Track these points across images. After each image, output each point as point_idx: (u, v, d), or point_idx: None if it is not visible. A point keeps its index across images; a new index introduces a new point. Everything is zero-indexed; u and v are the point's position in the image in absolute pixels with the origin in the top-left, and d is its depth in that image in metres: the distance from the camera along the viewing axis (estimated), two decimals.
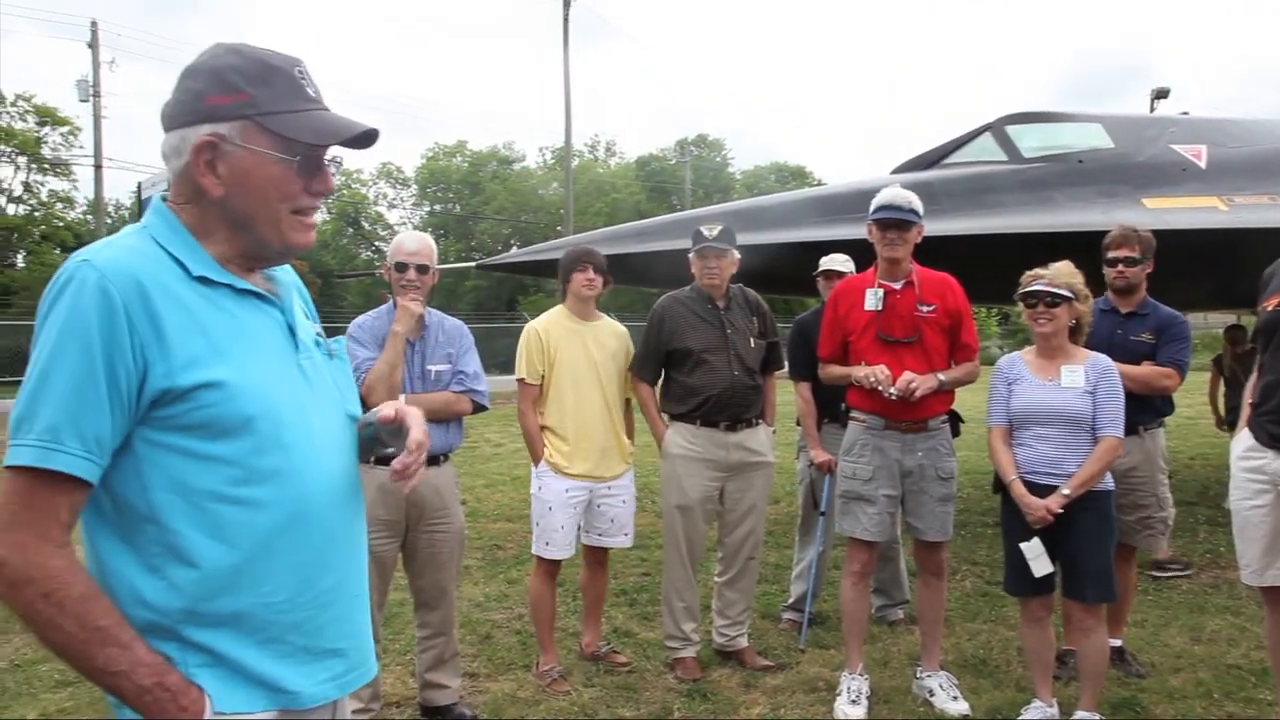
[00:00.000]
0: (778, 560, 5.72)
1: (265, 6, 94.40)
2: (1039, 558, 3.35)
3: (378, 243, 42.25)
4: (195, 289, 1.33)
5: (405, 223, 44.81)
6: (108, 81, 25.07)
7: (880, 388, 3.57)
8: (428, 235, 3.80)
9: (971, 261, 5.45)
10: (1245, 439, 3.24)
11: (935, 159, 7.22)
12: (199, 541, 1.28)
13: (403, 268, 3.47)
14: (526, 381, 4.02)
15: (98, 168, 24.72)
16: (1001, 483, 3.48)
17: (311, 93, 1.40)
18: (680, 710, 3.70)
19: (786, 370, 4.64)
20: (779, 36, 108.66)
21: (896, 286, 3.73)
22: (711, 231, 4.02)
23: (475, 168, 44.15)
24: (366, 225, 44.40)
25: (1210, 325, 23.93)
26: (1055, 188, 6.69)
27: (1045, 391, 3.41)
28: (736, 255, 4.09)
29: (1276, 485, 3.06)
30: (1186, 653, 4.25)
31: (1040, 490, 3.35)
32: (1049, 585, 3.44)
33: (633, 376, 4.12)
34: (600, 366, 4.00)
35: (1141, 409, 3.79)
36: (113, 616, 1.24)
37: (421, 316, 3.51)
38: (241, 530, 1.30)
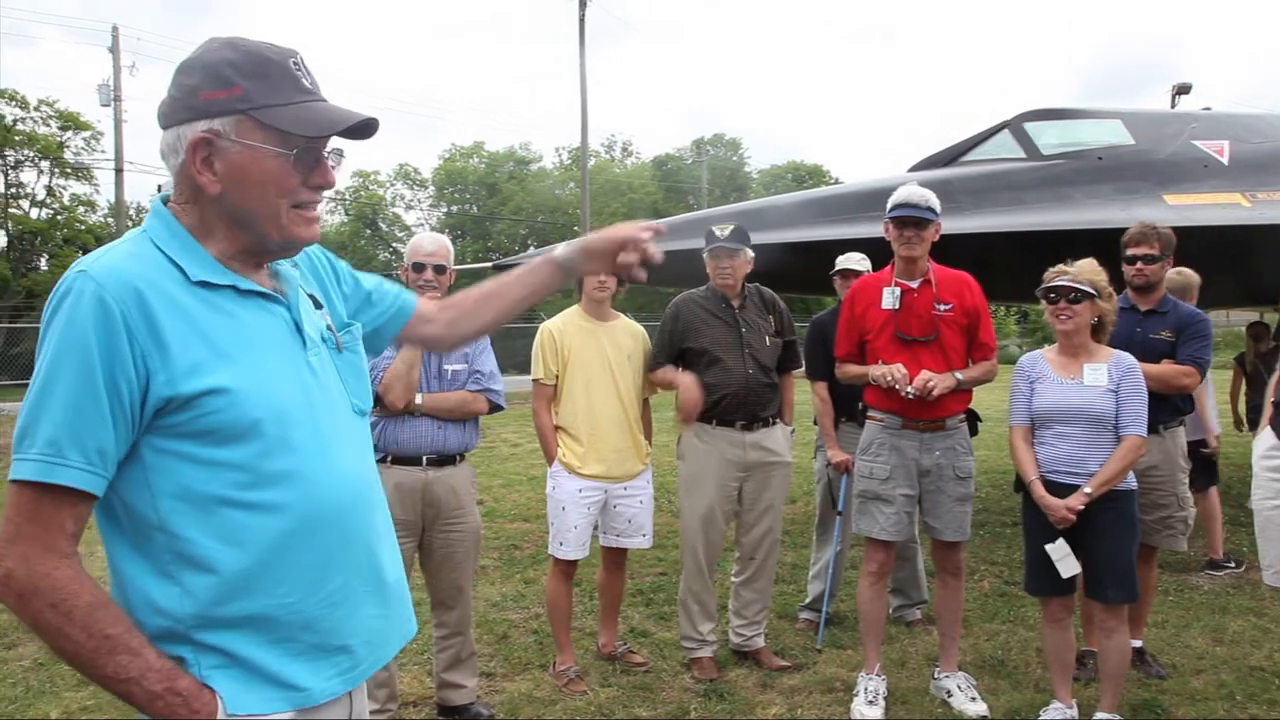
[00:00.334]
0: (795, 560, 5.71)
1: (284, 8, 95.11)
2: (1065, 558, 3.33)
3: (395, 244, 42.39)
4: (195, 293, 1.32)
5: (423, 224, 44.98)
6: (128, 86, 25.25)
7: (897, 387, 3.55)
8: (444, 236, 3.82)
9: (989, 260, 5.42)
10: (1268, 438, 3.20)
11: (953, 157, 7.17)
12: (210, 547, 1.28)
13: (420, 268, 3.49)
14: (541, 381, 4.02)
15: (119, 171, 24.95)
16: (1023, 482, 3.45)
17: (307, 84, 1.37)
18: (697, 710, 3.70)
19: (804, 369, 4.62)
20: (797, 34, 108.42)
21: (914, 285, 3.71)
22: (723, 231, 4.01)
23: (492, 168, 44.22)
24: (384, 226, 44.54)
25: (1233, 323, 23.70)
26: (1074, 185, 6.63)
27: (1067, 390, 3.38)
28: (750, 254, 4.08)
29: None
30: (1208, 654, 4.21)
31: (1062, 489, 3.33)
32: (1070, 585, 3.41)
33: (647, 373, 4.12)
34: (616, 366, 4.00)
35: (1161, 407, 3.76)
36: (122, 624, 1.24)
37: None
38: (253, 534, 1.30)
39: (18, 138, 27.96)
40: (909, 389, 3.54)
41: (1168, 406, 3.90)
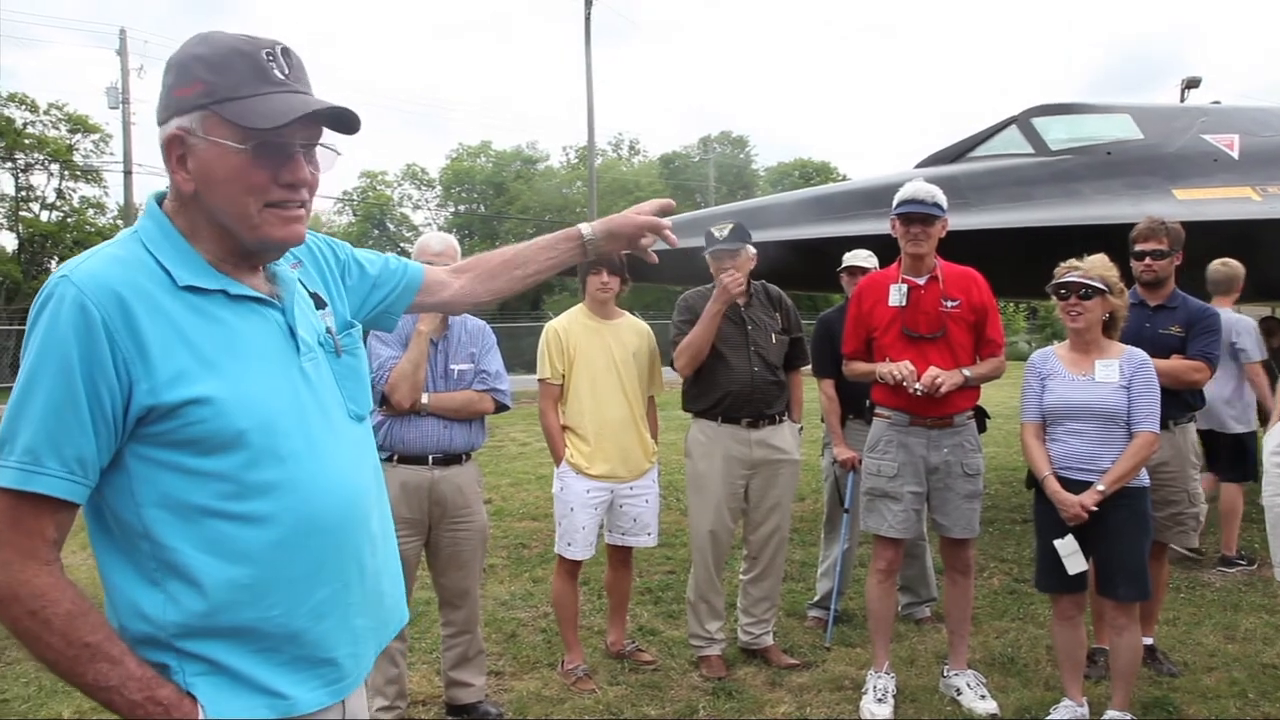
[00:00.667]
0: (803, 558, 5.70)
1: (291, 9, 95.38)
2: (1073, 555, 3.31)
3: (403, 244, 42.46)
4: (182, 299, 1.28)
5: (430, 223, 45.05)
6: (136, 88, 25.28)
7: (905, 384, 3.54)
8: (452, 236, 3.82)
9: (997, 256, 5.40)
10: (1278, 434, 3.18)
11: (960, 152, 7.15)
12: (195, 557, 1.26)
13: None
14: (547, 381, 4.03)
15: (127, 174, 25.03)
16: (1035, 479, 3.44)
17: (280, 75, 1.31)
18: (705, 709, 3.69)
19: (811, 367, 4.62)
20: (803, 31, 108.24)
21: (920, 282, 3.69)
22: (722, 232, 3.99)
23: (499, 168, 44.25)
24: (392, 226, 44.63)
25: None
26: (1083, 180, 6.60)
27: (1079, 386, 3.37)
28: (752, 251, 4.06)
29: None
30: (1220, 651, 4.18)
31: (1074, 486, 3.31)
32: (1081, 583, 3.39)
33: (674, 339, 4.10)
34: (621, 365, 4.00)
35: (1172, 403, 3.73)
36: (102, 632, 1.23)
37: (445, 316, 3.53)
38: (238, 546, 1.28)
39: (28, 141, 28.09)
40: (916, 385, 3.52)
41: (1178, 402, 3.88)
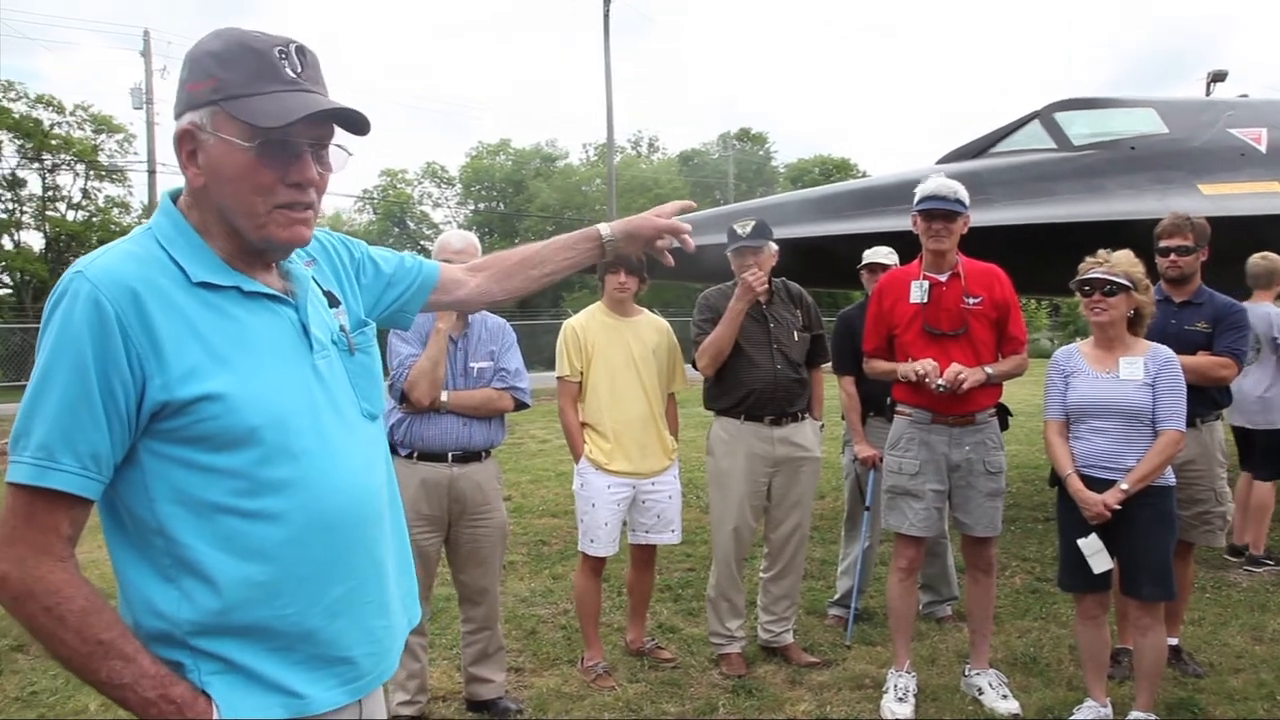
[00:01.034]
0: (824, 556, 5.68)
1: (313, 8, 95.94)
2: (1097, 554, 3.28)
3: (423, 241, 42.64)
4: (196, 295, 1.28)
5: (450, 221, 45.19)
6: (160, 89, 25.51)
7: (927, 380, 3.52)
8: (472, 234, 3.83)
9: (1020, 252, 5.35)
10: None
11: (982, 148, 7.10)
12: (208, 554, 1.26)
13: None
14: (566, 379, 4.03)
15: (151, 173, 25.29)
16: (1058, 477, 3.41)
17: (290, 73, 1.30)
18: (725, 706, 3.69)
19: (831, 364, 4.60)
20: (822, 26, 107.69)
21: (942, 279, 3.67)
22: (744, 229, 3.98)
23: (519, 165, 44.35)
24: (412, 225, 44.83)
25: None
26: (1107, 175, 6.54)
27: (1103, 384, 3.33)
28: (774, 248, 4.05)
29: None
30: (1247, 652, 4.13)
31: (1098, 485, 3.28)
32: (1104, 582, 3.36)
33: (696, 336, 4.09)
34: (640, 362, 4.00)
35: (1198, 401, 3.69)
36: (116, 629, 1.22)
37: (464, 313, 3.54)
38: (252, 542, 1.27)
39: (55, 142, 28.43)
40: (939, 382, 3.50)
41: (1205, 399, 3.83)
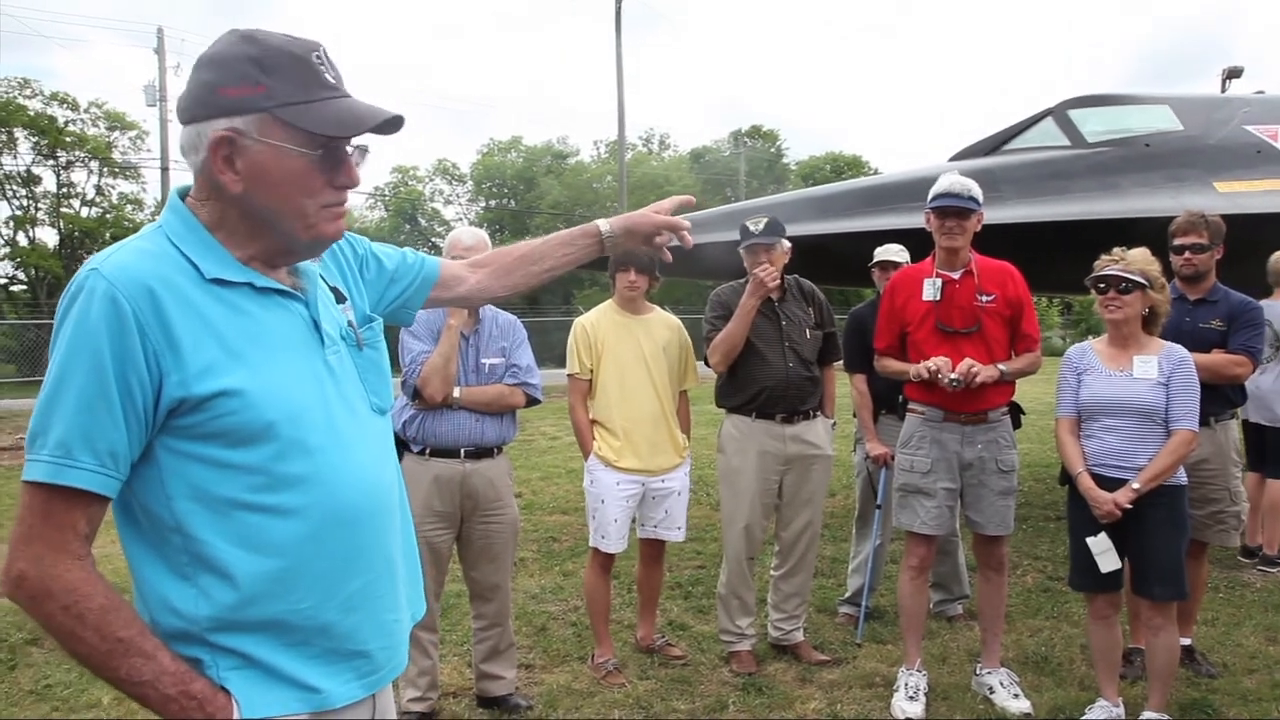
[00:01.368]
0: (834, 554, 5.67)
1: (323, 6, 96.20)
2: (1106, 553, 3.27)
3: (434, 238, 42.71)
4: (210, 291, 1.28)
5: (461, 219, 45.26)
6: (173, 86, 25.63)
7: (940, 376, 3.51)
8: (483, 230, 3.84)
9: (1033, 250, 5.33)
10: None
11: (995, 145, 7.06)
12: (226, 550, 1.26)
13: None
14: (576, 376, 4.04)
15: (164, 170, 25.41)
16: (1069, 475, 3.39)
17: (330, 79, 1.32)
18: (735, 704, 3.69)
19: (842, 362, 4.59)
20: (834, 22, 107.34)
21: (955, 276, 3.65)
22: (757, 226, 3.97)
23: (530, 163, 44.36)
24: (423, 222, 44.89)
25: None
26: (1121, 172, 6.49)
27: (1116, 382, 3.31)
28: (787, 245, 4.04)
29: None
30: (1261, 653, 4.11)
31: (1109, 483, 3.26)
32: (1116, 581, 3.34)
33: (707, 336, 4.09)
34: (651, 360, 4.00)
35: (1213, 399, 3.67)
36: (134, 627, 1.22)
37: (475, 309, 3.55)
38: (269, 538, 1.27)
39: (69, 139, 28.61)
40: (951, 376, 3.49)
41: (1219, 398, 3.81)
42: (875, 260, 4.81)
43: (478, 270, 1.82)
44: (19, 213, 29.27)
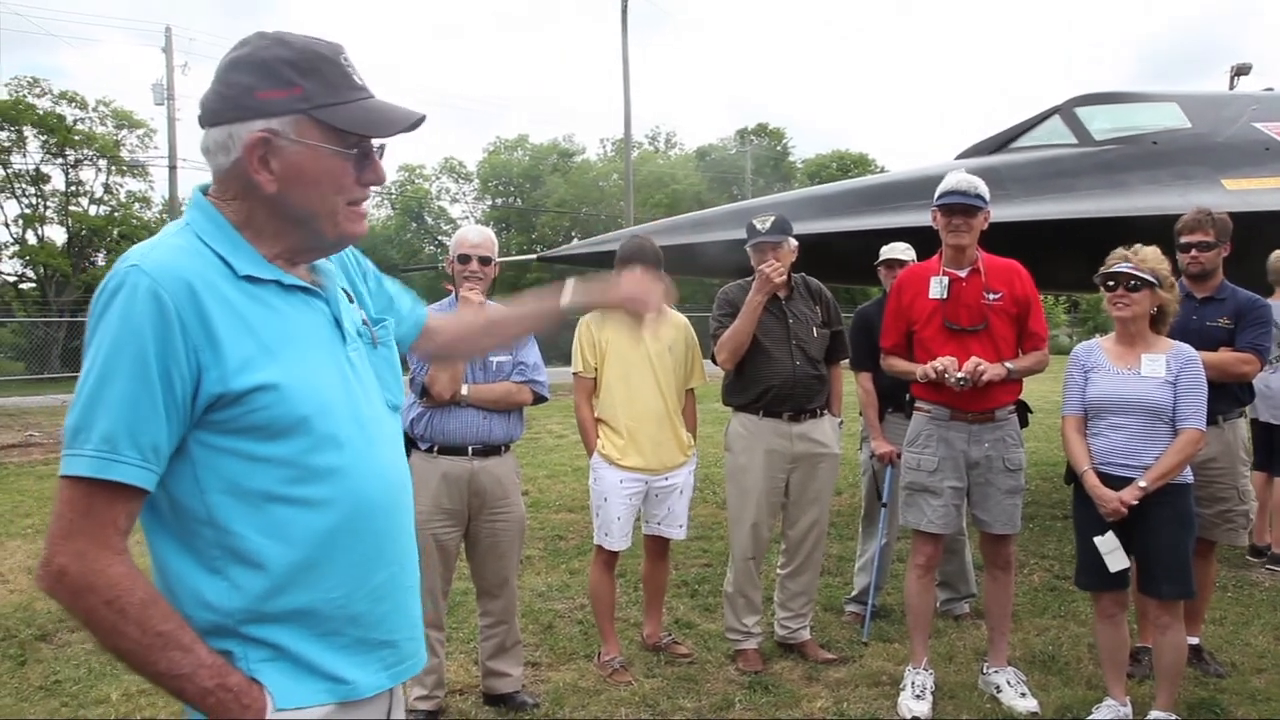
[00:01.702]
0: (841, 552, 5.67)
1: (330, 4, 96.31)
2: (1114, 552, 3.26)
3: (440, 236, 42.74)
4: (242, 288, 1.30)
5: (467, 216, 45.27)
6: (181, 84, 25.72)
7: (946, 375, 3.50)
8: (489, 228, 3.84)
9: (1040, 248, 5.31)
10: None
11: (1002, 143, 7.05)
12: (258, 542, 1.27)
13: (465, 259, 3.52)
14: (580, 374, 4.04)
15: (172, 168, 25.51)
16: (1074, 474, 3.38)
17: (358, 80, 1.36)
18: (741, 702, 3.69)
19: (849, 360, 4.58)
20: (841, 21, 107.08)
21: (962, 274, 3.65)
22: (764, 224, 3.97)
23: (536, 161, 44.36)
24: (429, 220, 44.93)
25: None
26: (1128, 170, 6.47)
27: (1123, 380, 3.31)
28: (794, 244, 4.04)
29: None
30: (1270, 652, 4.10)
31: (1115, 482, 3.26)
32: (1123, 580, 3.34)
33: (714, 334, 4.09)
34: (655, 358, 3.99)
35: (1221, 397, 3.65)
36: (173, 621, 1.24)
37: (483, 307, 3.55)
38: (300, 529, 1.30)
39: (77, 137, 28.70)
40: (958, 375, 3.48)
41: (1227, 396, 3.80)
42: (881, 258, 4.81)
43: (449, 329, 1.92)
44: (28, 211, 29.38)
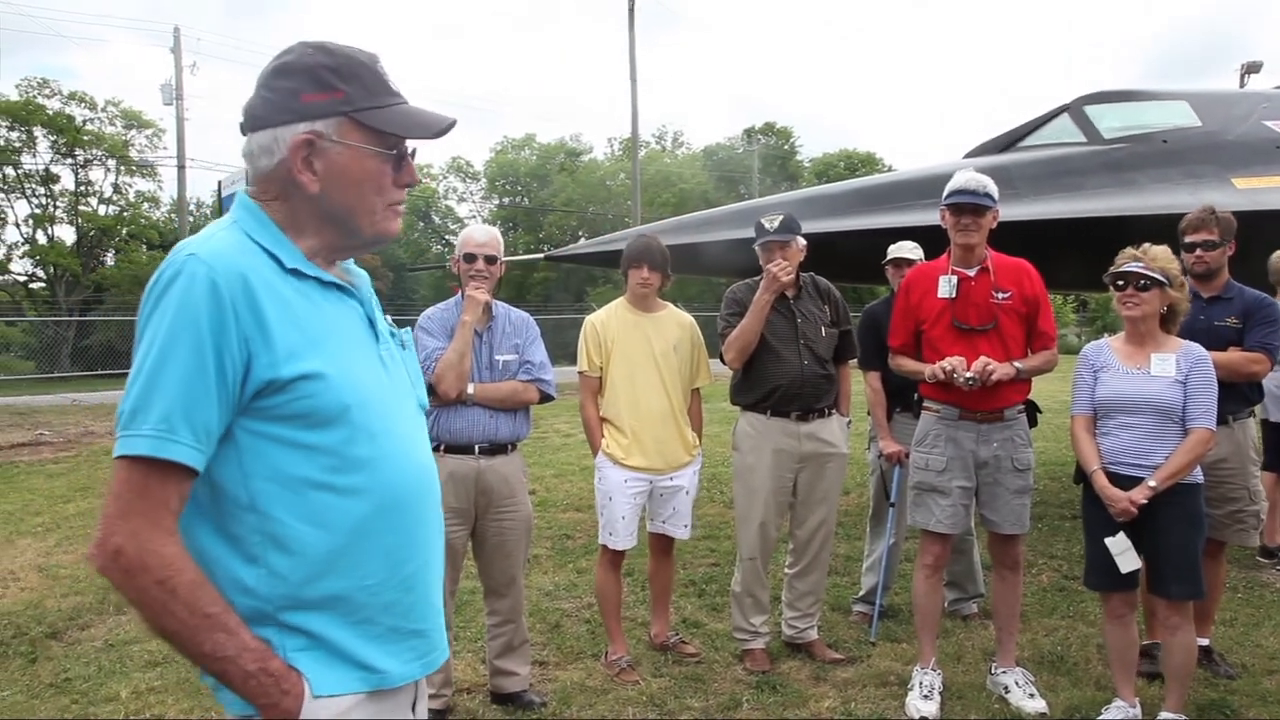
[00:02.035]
0: (848, 552, 5.65)
1: (338, 4, 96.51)
2: (1125, 553, 3.24)
3: (448, 236, 42.83)
4: (289, 282, 1.36)
5: (475, 216, 45.32)
6: (189, 84, 25.85)
7: (955, 375, 3.49)
8: (494, 228, 3.85)
9: (1049, 247, 5.29)
10: None
11: (1011, 142, 7.02)
12: (299, 528, 1.32)
13: (471, 258, 3.53)
14: (586, 374, 4.04)
15: (181, 168, 25.60)
16: (1084, 473, 3.37)
17: (394, 86, 1.43)
18: (749, 702, 3.68)
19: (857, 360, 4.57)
20: (849, 19, 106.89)
21: (971, 273, 3.64)
22: (772, 223, 3.96)
23: (544, 160, 44.40)
24: (437, 219, 45.03)
25: None
26: (1138, 169, 6.44)
27: (1133, 380, 3.29)
28: (802, 243, 4.03)
29: None
30: None
31: (1124, 482, 3.24)
32: (1132, 581, 3.32)
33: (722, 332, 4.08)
34: (661, 358, 3.99)
35: (1230, 397, 3.63)
36: (221, 603, 1.27)
37: (489, 306, 3.56)
38: (338, 516, 1.34)
39: (86, 138, 28.82)
40: (967, 375, 3.47)
41: (1236, 396, 3.78)
42: (889, 257, 4.79)
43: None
44: (38, 211, 29.52)
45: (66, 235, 30.50)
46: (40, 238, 29.76)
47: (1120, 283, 3.30)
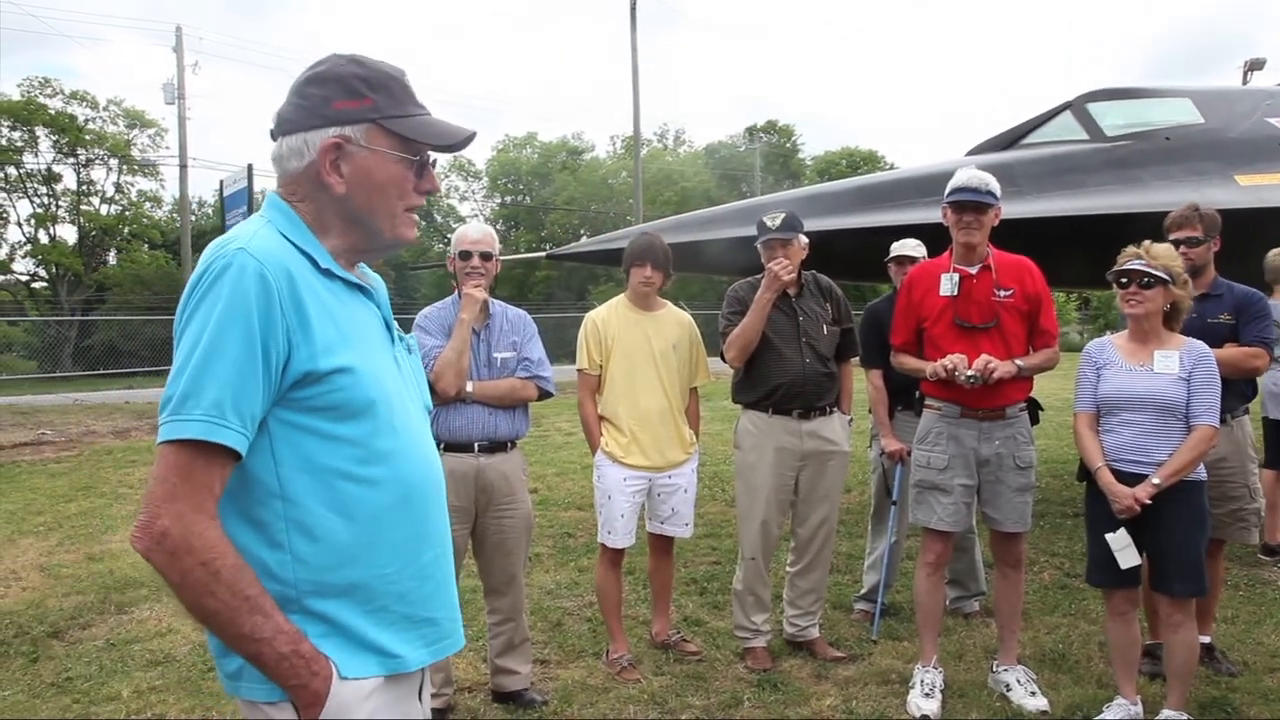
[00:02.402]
0: (850, 550, 5.65)
1: (340, 4, 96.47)
2: (1125, 549, 3.24)
3: (449, 234, 42.82)
4: (322, 280, 1.43)
5: (477, 214, 45.29)
6: (191, 84, 25.79)
7: (957, 373, 3.48)
8: (489, 225, 3.84)
9: (1051, 245, 5.28)
10: None
11: (1013, 139, 7.00)
12: (325, 517, 1.38)
13: (467, 255, 3.53)
14: (585, 372, 4.04)
15: (183, 167, 25.60)
16: (1087, 470, 3.36)
17: (419, 99, 1.51)
18: (750, 700, 3.68)
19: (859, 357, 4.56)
20: (851, 17, 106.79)
21: (973, 271, 3.63)
22: (774, 221, 3.95)
23: (545, 159, 44.39)
24: (439, 218, 45.02)
25: None
26: (1141, 166, 6.43)
27: (1136, 377, 3.28)
28: (804, 241, 4.02)
29: None
30: None
31: (1128, 478, 3.24)
32: (1134, 578, 3.32)
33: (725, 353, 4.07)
34: (660, 356, 3.99)
35: (1228, 395, 3.62)
36: (258, 586, 1.32)
37: (486, 304, 3.56)
38: (361, 506, 1.40)
39: (88, 137, 28.86)
40: (969, 373, 3.47)
41: (1234, 393, 3.77)
42: (891, 255, 4.79)
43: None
44: (40, 210, 29.56)
45: (68, 235, 30.59)
46: (42, 237, 29.83)
47: (1123, 280, 3.29)
